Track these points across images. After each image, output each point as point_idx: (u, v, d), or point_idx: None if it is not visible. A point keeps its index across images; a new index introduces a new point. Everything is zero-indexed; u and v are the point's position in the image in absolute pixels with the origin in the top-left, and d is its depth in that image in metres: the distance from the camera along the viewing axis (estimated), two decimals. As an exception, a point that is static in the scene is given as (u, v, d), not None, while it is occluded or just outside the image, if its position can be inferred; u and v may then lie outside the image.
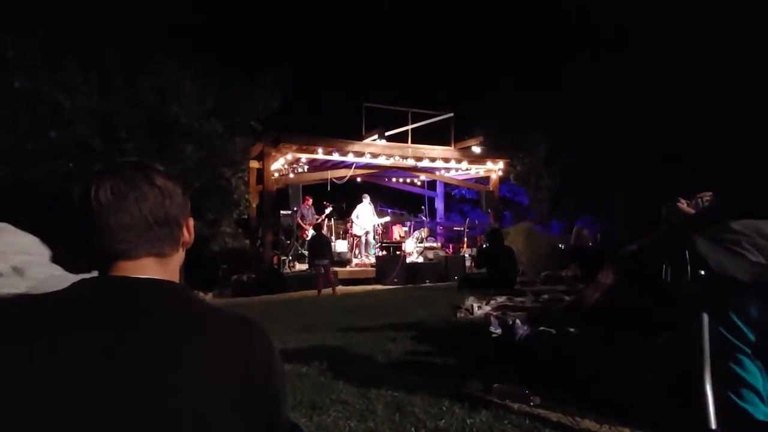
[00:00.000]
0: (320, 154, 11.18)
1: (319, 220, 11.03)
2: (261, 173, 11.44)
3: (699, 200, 2.49)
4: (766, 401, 1.79)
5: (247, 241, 11.37)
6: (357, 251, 12.20)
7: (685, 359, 1.84)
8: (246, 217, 11.66)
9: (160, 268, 0.70)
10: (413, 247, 12.01)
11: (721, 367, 1.77)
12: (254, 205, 11.92)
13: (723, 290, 1.86)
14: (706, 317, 1.79)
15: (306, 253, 10.88)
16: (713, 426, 1.66)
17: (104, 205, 0.66)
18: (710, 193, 2.49)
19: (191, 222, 0.77)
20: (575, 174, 13.15)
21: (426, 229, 13.04)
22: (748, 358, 1.82)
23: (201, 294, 9.18)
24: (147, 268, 0.69)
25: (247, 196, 11.29)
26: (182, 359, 0.61)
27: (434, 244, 12.73)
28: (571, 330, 2.91)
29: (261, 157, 11.20)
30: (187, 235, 0.76)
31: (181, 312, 0.66)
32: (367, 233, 12.09)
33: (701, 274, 1.86)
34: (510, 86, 15.51)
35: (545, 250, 10.39)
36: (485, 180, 13.62)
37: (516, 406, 2.22)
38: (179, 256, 0.75)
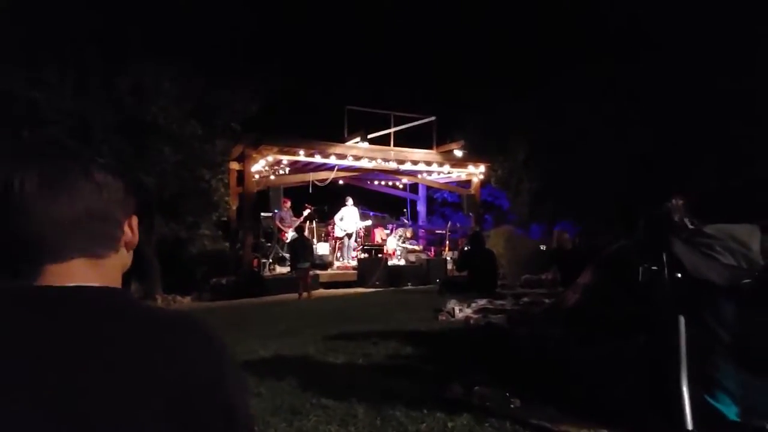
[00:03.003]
0: (302, 156, 11.10)
1: (298, 223, 10.96)
2: (241, 175, 11.29)
3: (673, 204, 2.54)
4: (738, 401, 1.83)
5: (227, 244, 11.20)
6: (339, 254, 12.14)
7: (662, 361, 1.87)
8: (225, 219, 11.49)
9: (93, 271, 0.62)
10: (395, 245, 12.02)
11: (697, 369, 1.80)
12: (234, 208, 11.75)
13: (698, 292, 1.90)
14: (682, 319, 1.83)
15: (286, 255, 10.76)
16: (690, 427, 1.69)
17: (28, 196, 0.58)
18: (683, 197, 2.55)
19: (135, 221, 0.70)
20: (554, 178, 13.37)
21: (410, 230, 13.06)
22: (722, 359, 1.86)
23: (178, 298, 8.98)
24: (78, 272, 0.61)
25: (226, 198, 11.11)
26: (114, 380, 0.54)
27: (416, 247, 12.76)
28: (551, 332, 2.93)
29: (241, 159, 11.06)
30: (130, 235, 0.68)
31: (116, 325, 0.59)
32: (349, 236, 12.05)
33: (678, 276, 1.89)
34: (491, 91, 15.72)
35: (525, 253, 10.51)
36: (467, 183, 13.73)
37: (497, 408, 2.22)
38: (119, 258, 0.67)
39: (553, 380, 2.46)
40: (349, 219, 11.89)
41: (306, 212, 11.66)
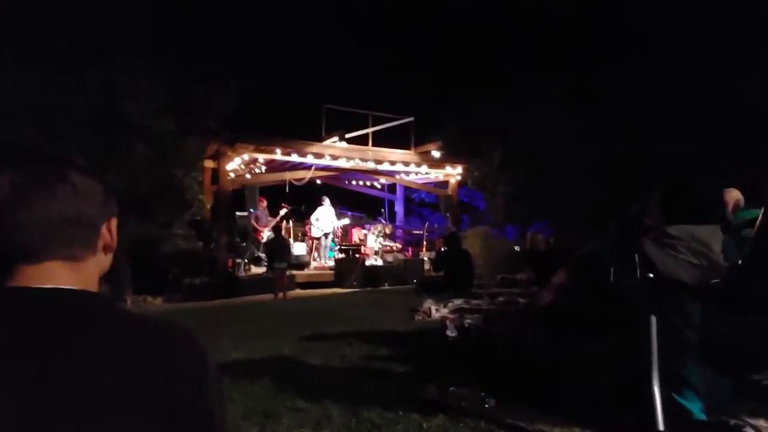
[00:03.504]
0: (278, 155, 10.95)
1: (274, 222, 10.80)
2: (216, 173, 11.05)
3: (643, 206, 2.61)
4: (703, 397, 1.88)
5: (201, 244, 10.96)
6: (316, 254, 12.05)
7: (634, 361, 1.90)
8: (199, 218, 11.24)
9: (71, 274, 0.63)
10: (374, 242, 12.01)
11: (667, 368, 1.84)
12: (208, 206, 11.51)
13: (668, 292, 1.94)
14: (654, 319, 1.86)
15: (262, 255, 10.61)
16: (661, 428, 1.72)
17: (4, 201, 0.59)
18: (652, 199, 2.62)
19: (114, 223, 0.70)
20: (530, 180, 13.60)
21: (389, 226, 13.06)
22: (690, 357, 1.91)
23: (149, 298, 8.74)
24: (55, 274, 0.61)
25: (200, 196, 10.87)
26: (94, 383, 0.54)
27: (392, 244, 12.77)
28: (526, 332, 2.96)
29: (216, 157, 10.83)
30: (108, 238, 0.68)
31: (94, 328, 0.59)
32: (326, 236, 11.96)
33: (649, 276, 1.93)
34: (469, 93, 15.86)
35: (501, 253, 10.65)
36: (444, 184, 13.81)
37: (472, 409, 2.23)
38: (97, 261, 0.67)
39: (527, 380, 2.48)
40: (325, 219, 11.82)
41: (282, 212, 11.52)
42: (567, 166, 13.07)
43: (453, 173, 13.30)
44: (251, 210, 11.08)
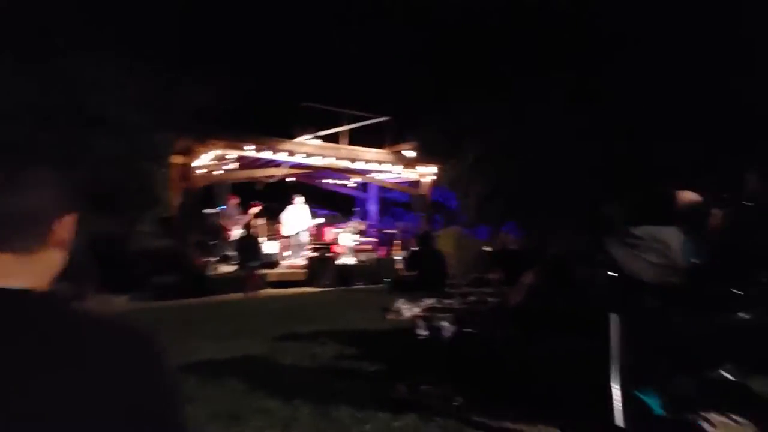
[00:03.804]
0: (251, 152, 10.77)
1: (246, 220, 10.61)
2: (185, 169, 10.78)
3: (610, 208, 2.70)
4: (662, 393, 1.95)
5: (169, 241, 10.65)
6: (288, 253, 11.90)
7: (597, 358, 1.95)
8: (168, 215, 10.92)
9: (20, 267, 0.61)
10: (348, 241, 11.96)
11: (628, 365, 1.90)
12: (177, 203, 11.21)
13: (630, 290, 2.00)
14: (616, 317, 1.91)
15: (233, 254, 10.40)
16: (620, 423, 1.77)
17: None
18: (619, 202, 2.70)
19: (69, 219, 0.68)
20: (502, 181, 13.84)
21: (364, 223, 13.02)
22: (651, 355, 1.97)
23: (115, 298, 8.44)
24: (2, 266, 0.60)
25: (169, 193, 10.57)
26: (48, 386, 0.53)
27: (367, 239, 12.76)
28: (496, 331, 3.00)
29: (186, 152, 10.55)
30: (63, 234, 0.67)
31: (45, 329, 0.57)
32: (299, 234, 11.83)
33: (613, 276, 1.98)
34: (445, 94, 15.99)
35: (473, 253, 10.76)
36: (418, 184, 13.88)
37: (442, 407, 2.23)
38: (49, 257, 0.66)
39: (496, 378, 2.51)
40: (298, 217, 11.69)
41: (254, 210, 11.32)
42: (539, 167, 13.37)
43: (427, 173, 13.39)
44: (222, 207, 10.84)
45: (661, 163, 10.44)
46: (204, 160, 10.90)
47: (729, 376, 2.24)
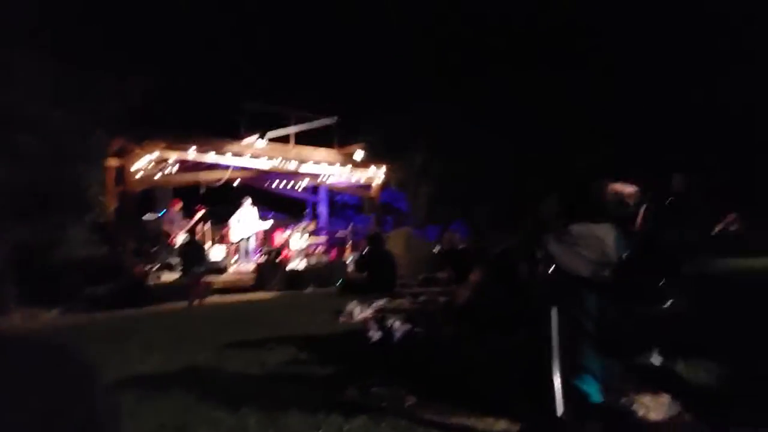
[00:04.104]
0: (193, 154, 10.34)
1: (189, 225, 10.18)
2: (121, 172, 10.17)
3: (548, 206, 2.84)
4: (599, 380, 2.08)
5: (104, 249, 10.00)
6: (235, 258, 11.54)
7: (538, 352, 2.05)
8: (103, 221, 10.25)
9: None
10: (299, 241, 11.80)
11: (567, 355, 2.01)
12: (112, 208, 10.55)
13: (567, 285, 2.12)
14: (555, 312, 2.02)
15: (175, 261, 9.94)
16: (559, 414, 1.87)
17: None
18: (557, 200, 2.85)
19: None
20: (449, 182, 14.16)
21: (312, 223, 12.86)
22: (588, 346, 2.09)
23: (42, 311, 7.81)
24: None
25: (102, 197, 9.92)
26: None
27: (319, 238, 12.63)
28: (445, 329, 3.07)
29: (121, 154, 9.96)
30: None
31: None
32: (247, 239, 11.51)
33: (551, 272, 2.09)
34: (392, 95, 16.14)
35: (423, 253, 10.94)
36: (368, 186, 13.93)
37: (392, 408, 2.25)
38: None
39: (444, 376, 2.57)
40: (247, 221, 11.36)
41: (199, 214, 10.87)
42: (485, 168, 13.81)
43: (376, 175, 13.46)
44: (164, 212, 10.32)
45: (594, 161, 11.10)
46: (143, 163, 10.34)
47: (656, 362, 2.43)
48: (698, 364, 2.64)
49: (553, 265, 2.09)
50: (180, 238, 10.10)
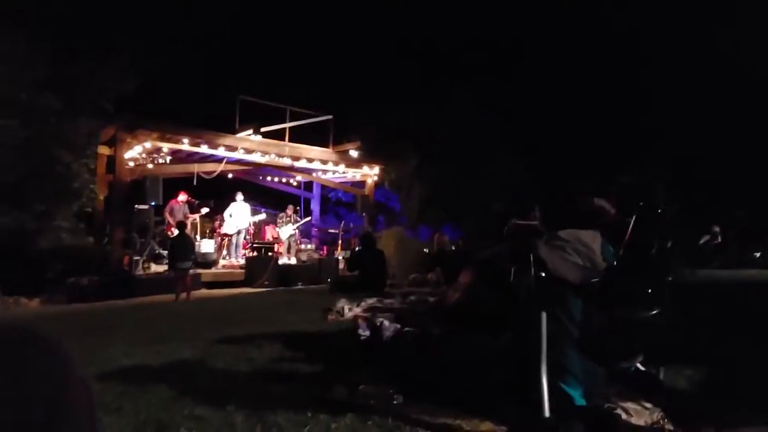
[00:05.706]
0: (186, 145, 10.25)
1: (192, 219, 10.16)
2: (112, 161, 10.04)
3: (536, 212, 2.88)
4: (582, 384, 2.10)
5: (91, 238, 9.88)
6: (226, 252, 11.48)
7: (526, 354, 2.06)
8: (91, 210, 10.14)
9: None
10: (289, 232, 11.80)
11: (552, 359, 2.03)
12: (101, 197, 10.43)
13: (555, 289, 2.14)
14: (544, 315, 2.03)
15: (164, 253, 9.86)
16: (547, 415, 1.89)
17: None
18: (537, 209, 2.90)
19: None
20: (441, 185, 14.22)
21: (296, 210, 12.85)
22: (572, 349, 2.11)
23: (23, 300, 7.70)
24: None
25: (92, 185, 9.80)
26: None
27: (303, 220, 12.62)
28: (434, 329, 3.08)
29: (113, 143, 9.83)
30: None
31: None
32: (239, 233, 11.45)
33: (541, 276, 2.10)
34: (389, 95, 16.15)
35: (414, 254, 10.96)
36: (361, 184, 13.90)
37: (380, 407, 2.25)
38: None
39: (433, 376, 2.57)
40: (239, 215, 11.31)
41: (203, 210, 10.95)
42: (477, 172, 13.88)
43: (370, 173, 13.44)
44: (153, 203, 10.21)
45: (580, 169, 11.23)
46: (134, 152, 10.23)
47: (641, 367, 2.46)
48: (681, 371, 2.68)
49: (543, 270, 2.11)
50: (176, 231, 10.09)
